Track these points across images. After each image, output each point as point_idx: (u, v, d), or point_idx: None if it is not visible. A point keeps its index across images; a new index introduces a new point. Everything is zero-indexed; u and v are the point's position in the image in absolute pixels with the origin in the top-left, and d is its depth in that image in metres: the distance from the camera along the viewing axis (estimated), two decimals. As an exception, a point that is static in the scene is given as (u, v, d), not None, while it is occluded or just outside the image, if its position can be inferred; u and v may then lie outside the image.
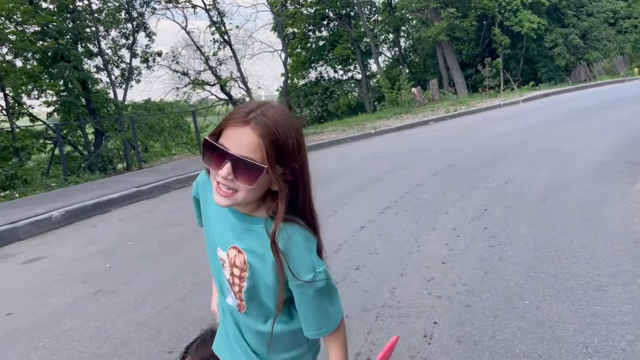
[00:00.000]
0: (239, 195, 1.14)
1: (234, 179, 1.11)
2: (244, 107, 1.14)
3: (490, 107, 16.37)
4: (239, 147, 1.10)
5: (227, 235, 1.26)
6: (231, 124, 1.12)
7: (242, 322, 1.34)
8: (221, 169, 1.11)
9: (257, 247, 1.22)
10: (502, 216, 5.13)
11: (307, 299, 1.24)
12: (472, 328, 3.00)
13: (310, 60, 33.25)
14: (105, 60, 21.62)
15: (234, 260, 1.24)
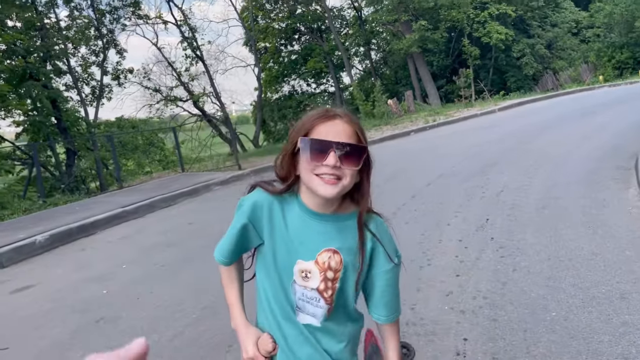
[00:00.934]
0: (344, 182, 1.23)
1: (340, 166, 1.20)
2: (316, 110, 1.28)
3: (468, 116, 16.57)
4: (337, 136, 1.21)
5: (314, 243, 1.29)
6: (319, 122, 1.23)
7: (322, 333, 1.35)
8: (327, 159, 1.19)
9: (352, 243, 1.30)
10: (505, 225, 5.11)
11: (392, 282, 1.37)
12: (505, 344, 2.92)
13: (283, 74, 33.24)
14: (75, 78, 21.16)
15: (329, 263, 1.29)
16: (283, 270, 1.33)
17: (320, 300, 1.32)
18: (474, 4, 26.23)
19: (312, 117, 1.25)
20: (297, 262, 1.31)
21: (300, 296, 1.33)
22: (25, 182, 13.43)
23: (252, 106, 32.52)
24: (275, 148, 15.26)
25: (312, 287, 1.31)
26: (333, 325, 1.36)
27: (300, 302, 1.33)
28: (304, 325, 1.35)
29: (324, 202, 1.29)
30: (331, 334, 1.36)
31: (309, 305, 1.33)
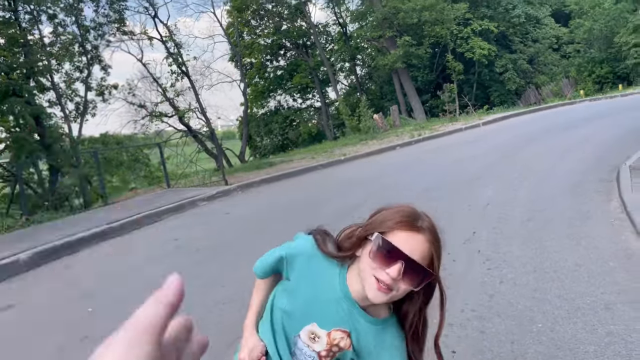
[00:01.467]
0: (394, 294, 1.21)
1: (400, 279, 1.19)
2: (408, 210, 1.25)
3: (453, 130, 16.74)
4: (411, 251, 1.18)
5: (333, 317, 1.31)
6: (403, 228, 1.21)
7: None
8: (391, 269, 1.18)
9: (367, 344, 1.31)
10: (491, 238, 5.15)
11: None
12: (493, 355, 2.94)
13: (269, 89, 33.35)
14: (59, 94, 21.01)
15: (339, 341, 1.31)
16: (296, 319, 1.36)
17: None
18: (457, 20, 26.66)
19: (398, 219, 1.22)
20: (312, 323, 1.34)
21: (300, 347, 1.36)
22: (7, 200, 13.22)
23: (238, 121, 32.53)
24: (261, 163, 15.25)
25: (315, 350, 1.34)
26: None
27: (298, 351, 1.37)
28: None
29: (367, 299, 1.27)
30: None
31: (303, 358, 1.37)
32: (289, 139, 31.77)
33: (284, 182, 11.01)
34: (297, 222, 6.91)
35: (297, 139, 31.03)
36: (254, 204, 9.02)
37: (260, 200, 9.36)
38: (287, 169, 12.23)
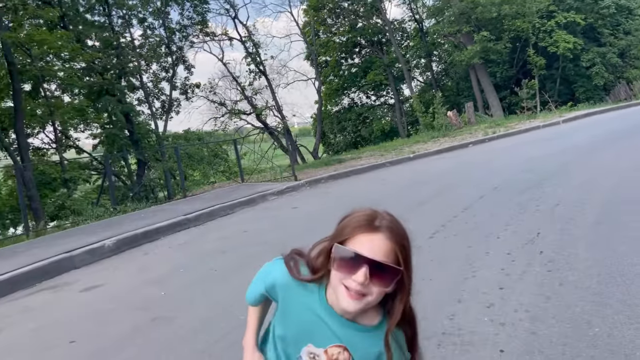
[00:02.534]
0: (368, 299, 1.20)
1: (369, 283, 1.17)
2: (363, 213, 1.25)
3: (530, 128, 16.11)
4: (373, 253, 1.17)
5: (324, 335, 1.31)
6: (360, 232, 1.20)
7: None
8: (356, 274, 1.17)
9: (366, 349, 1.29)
10: (557, 239, 5.00)
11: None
12: (542, 357, 2.91)
13: (343, 87, 33.55)
14: (147, 93, 22.37)
15: (337, 357, 1.30)
16: (292, 343, 1.38)
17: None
18: (540, 13, 25.45)
19: (355, 224, 1.23)
20: (308, 345, 1.34)
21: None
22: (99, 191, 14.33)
23: (313, 119, 33.03)
24: (330, 160, 15.47)
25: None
26: None
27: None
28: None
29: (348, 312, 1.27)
30: None
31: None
32: (361, 136, 31.83)
33: (351, 179, 11.14)
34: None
35: (369, 136, 31.01)
36: (320, 200, 9.24)
37: (326, 195, 9.56)
38: (355, 165, 12.36)
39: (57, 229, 8.94)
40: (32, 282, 5.75)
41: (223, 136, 26.90)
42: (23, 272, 5.79)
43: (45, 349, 3.88)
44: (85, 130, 20.93)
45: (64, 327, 4.31)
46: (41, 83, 17.54)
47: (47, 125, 19.27)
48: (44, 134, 20.45)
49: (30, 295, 5.42)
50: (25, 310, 4.92)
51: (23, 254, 6.74)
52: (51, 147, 20.28)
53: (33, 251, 6.77)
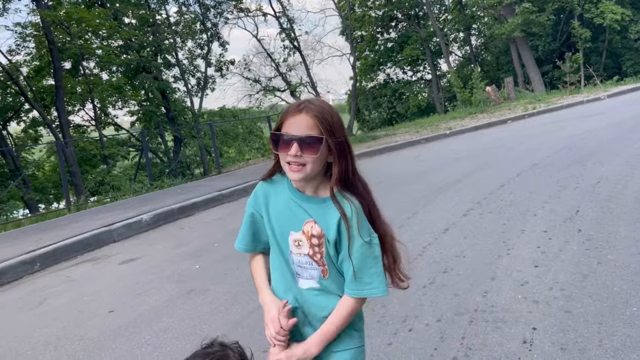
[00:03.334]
0: (307, 168, 1.45)
1: (302, 155, 1.42)
2: (294, 103, 1.48)
3: (572, 104, 15.55)
4: (299, 130, 1.42)
5: (299, 217, 1.52)
6: (288, 116, 1.44)
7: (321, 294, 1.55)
8: (290, 150, 1.42)
9: (328, 219, 1.50)
10: (596, 217, 4.85)
11: (363, 258, 1.49)
12: (576, 335, 2.85)
13: (379, 62, 33.08)
14: (182, 70, 22.57)
15: (311, 231, 1.51)
16: (282, 242, 1.57)
17: (312, 264, 1.54)
18: (586, -17, 24.37)
19: (285, 112, 1.47)
20: (290, 234, 1.54)
21: (297, 263, 1.56)
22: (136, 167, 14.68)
23: (347, 95, 32.78)
24: (364, 136, 15.36)
25: (304, 253, 1.54)
26: (331, 285, 1.55)
27: (298, 268, 1.56)
28: (305, 290, 1.57)
29: (300, 184, 1.52)
30: (329, 292, 1.56)
31: (305, 269, 1.56)
32: (397, 113, 31.43)
33: (385, 156, 11.06)
34: (390, 195, 6.99)
35: (405, 113, 30.59)
36: (354, 176, 9.18)
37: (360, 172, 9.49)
38: (390, 142, 12.23)
39: (97, 203, 9.22)
40: (74, 254, 5.97)
41: (257, 113, 27.01)
42: (66, 245, 6.01)
43: (86, 317, 4.04)
44: (123, 107, 21.37)
45: (103, 297, 4.47)
46: (80, 61, 17.93)
47: (86, 103, 19.75)
48: (84, 111, 21.01)
49: (72, 266, 5.63)
50: (68, 281, 5.12)
51: (65, 227, 6.99)
52: (91, 124, 20.83)
53: (75, 225, 7.01)
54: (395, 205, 6.33)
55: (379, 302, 3.57)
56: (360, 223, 1.48)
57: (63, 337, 3.70)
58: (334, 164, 1.49)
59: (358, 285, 1.50)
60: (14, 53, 18.59)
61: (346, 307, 1.53)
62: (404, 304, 3.50)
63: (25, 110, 19.26)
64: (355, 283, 1.50)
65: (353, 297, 1.52)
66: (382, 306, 3.50)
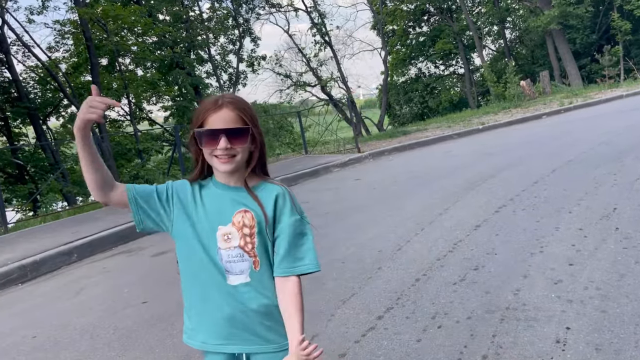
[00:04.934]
0: (237, 158, 1.49)
1: (231, 147, 1.46)
2: (209, 100, 1.50)
3: (611, 98, 15.08)
4: (225, 124, 1.46)
5: (229, 209, 1.53)
6: (209, 113, 1.47)
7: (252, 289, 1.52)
8: (219, 143, 1.45)
9: (265, 200, 1.54)
10: (635, 215, 4.70)
11: (294, 234, 1.53)
12: (612, 335, 2.78)
13: (410, 56, 32.74)
14: (215, 66, 22.86)
15: (243, 221, 1.52)
16: (207, 240, 1.52)
17: (244, 255, 1.52)
18: (627, -27, 23.53)
19: (203, 110, 1.49)
20: (218, 229, 1.52)
21: (226, 258, 1.52)
22: (169, 161, 14.94)
23: (378, 90, 32.58)
24: (395, 131, 15.25)
25: (235, 246, 1.52)
26: (262, 276, 1.53)
27: (228, 264, 1.52)
28: (234, 286, 1.52)
29: (228, 176, 1.54)
30: (261, 287, 1.53)
31: (235, 264, 1.52)
32: (428, 107, 31.08)
33: (416, 151, 10.97)
34: (421, 191, 6.93)
35: (437, 107, 30.22)
36: (383, 171, 9.17)
37: (389, 168, 9.47)
38: (421, 137, 12.12)
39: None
40: (109, 246, 6.13)
41: (288, 108, 27.12)
42: (101, 237, 6.18)
43: (121, 307, 4.15)
44: (157, 102, 21.78)
45: (137, 288, 4.59)
46: (116, 57, 18.34)
47: (122, 98, 20.20)
48: (119, 106, 21.48)
49: (107, 258, 5.79)
50: (104, 272, 5.27)
51: (101, 219, 7.19)
52: (126, 119, 21.30)
53: (110, 217, 7.19)
54: (426, 201, 6.28)
55: (410, 298, 3.56)
56: (293, 201, 1.57)
57: (99, 326, 3.81)
58: (256, 152, 1.55)
59: (292, 262, 1.51)
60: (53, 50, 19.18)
61: (293, 289, 1.50)
62: (434, 301, 3.47)
63: (64, 105, 19.84)
64: (289, 260, 1.51)
65: (288, 276, 1.51)
66: (412, 302, 3.48)
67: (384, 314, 3.37)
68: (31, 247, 5.99)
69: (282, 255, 1.52)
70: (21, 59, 18.31)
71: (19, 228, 7.92)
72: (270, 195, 1.55)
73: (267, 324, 1.54)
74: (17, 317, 4.32)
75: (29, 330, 3.93)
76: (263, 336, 1.54)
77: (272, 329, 1.54)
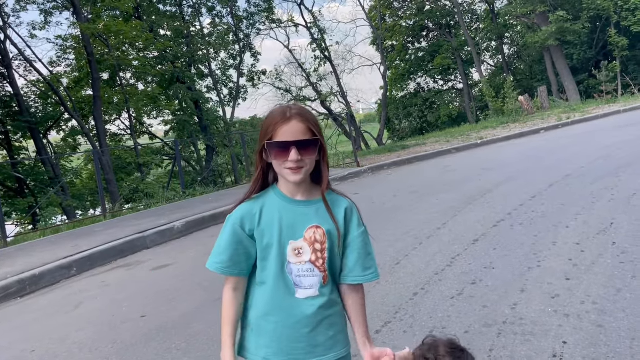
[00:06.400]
0: (306, 169, 1.51)
1: (301, 158, 1.48)
2: (277, 112, 1.53)
3: (608, 113, 15.19)
4: (295, 136, 1.49)
5: (299, 224, 1.57)
6: (279, 126, 1.50)
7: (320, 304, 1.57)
8: (290, 155, 1.48)
9: (327, 219, 1.57)
10: (632, 230, 4.73)
11: (363, 244, 1.61)
12: (608, 350, 2.79)
13: (410, 71, 32.98)
14: (215, 81, 22.99)
15: (314, 236, 1.56)
16: (278, 255, 1.56)
17: (314, 270, 1.57)
18: (623, -10, 23.79)
19: (273, 122, 1.51)
20: (289, 243, 1.56)
21: (296, 273, 1.56)
22: (169, 175, 14.99)
23: (378, 104, 32.74)
24: (394, 146, 15.33)
25: (306, 260, 1.56)
26: (329, 293, 1.60)
27: (297, 278, 1.57)
28: (303, 299, 1.57)
29: (296, 187, 1.57)
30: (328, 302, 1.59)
31: (305, 278, 1.57)
32: (427, 122, 31.23)
33: (414, 166, 11.02)
34: (419, 205, 6.96)
35: (436, 122, 30.36)
36: (382, 186, 9.20)
37: (388, 182, 9.51)
38: (420, 152, 12.17)
39: (132, 210, 9.47)
40: (109, 260, 6.15)
41: (288, 123, 27.22)
42: (101, 250, 6.20)
43: (120, 321, 4.15)
44: (157, 117, 21.90)
45: (136, 302, 4.59)
46: (117, 72, 18.48)
47: (122, 112, 20.33)
48: (120, 120, 21.61)
49: (106, 272, 5.80)
50: (103, 286, 5.28)
51: (101, 233, 7.21)
52: (126, 133, 21.40)
53: (110, 231, 7.21)
54: (424, 216, 6.31)
55: (408, 312, 3.57)
56: (359, 213, 1.64)
57: (97, 340, 3.82)
58: (323, 163, 1.59)
59: (362, 271, 1.60)
60: (55, 65, 19.34)
61: (361, 297, 1.63)
62: (431, 315, 3.49)
63: (65, 119, 19.95)
64: (360, 269, 1.60)
65: (359, 284, 1.62)
66: (410, 317, 3.50)
67: (381, 328, 3.39)
68: (30, 261, 6.00)
69: (352, 264, 1.60)
70: (23, 73, 18.48)
71: (18, 242, 7.95)
72: (340, 209, 1.60)
73: (330, 334, 1.61)
74: (16, 331, 4.32)
75: (28, 344, 3.94)
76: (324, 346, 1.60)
77: (334, 338, 1.62)
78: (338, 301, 1.63)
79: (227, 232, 1.59)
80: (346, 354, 1.66)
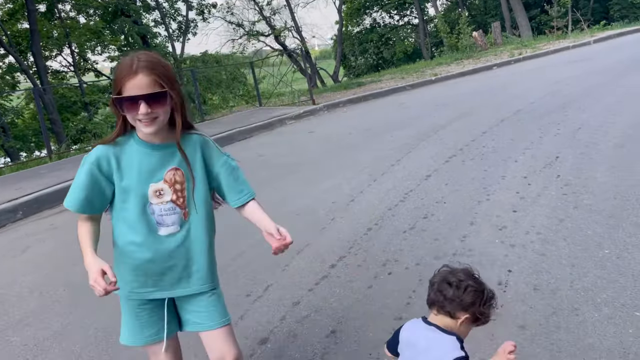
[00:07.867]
0: (159, 119, 1.56)
1: (151, 111, 1.51)
2: (124, 64, 1.53)
3: (559, 49, 15.44)
4: (142, 90, 1.50)
5: (157, 168, 1.65)
6: (126, 80, 1.50)
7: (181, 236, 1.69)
8: (140, 109, 1.50)
9: (192, 151, 1.69)
10: (575, 163, 4.92)
11: (231, 169, 1.75)
12: (549, 277, 2.95)
13: (365, 6, 32.27)
14: (163, 14, 21.85)
15: (174, 178, 1.67)
16: (140, 198, 1.65)
17: (175, 208, 1.68)
18: None
19: (120, 76, 1.52)
20: (150, 186, 1.65)
21: (159, 212, 1.67)
22: (118, 114, 14.45)
23: (333, 40, 32.14)
24: (350, 83, 15.17)
25: (167, 200, 1.67)
26: (190, 227, 1.71)
27: (160, 217, 1.67)
28: (165, 236, 1.68)
29: (150, 136, 1.62)
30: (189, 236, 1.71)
31: (167, 217, 1.67)
32: (383, 58, 30.98)
33: (370, 103, 10.98)
34: (374, 143, 6.99)
35: (391, 58, 30.17)
36: (337, 124, 9.17)
37: (344, 120, 9.48)
38: (375, 89, 12.11)
39: (79, 151, 9.10)
40: (57, 202, 5.93)
41: (241, 59, 26.43)
42: (48, 193, 5.98)
43: (70, 264, 4.06)
44: (102, 52, 20.78)
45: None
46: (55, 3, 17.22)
47: (64, 48, 19.14)
48: (61, 56, 20.37)
49: (55, 214, 5.62)
50: (51, 229, 5.13)
51: (46, 175, 6.93)
52: (70, 70, 20.27)
53: (56, 173, 6.94)
54: (379, 153, 6.35)
55: (362, 247, 3.65)
56: (215, 144, 1.77)
57: (48, 284, 3.74)
58: (176, 111, 1.61)
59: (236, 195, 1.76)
60: (-15, -5, 17.80)
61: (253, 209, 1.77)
62: (384, 249, 3.58)
63: (1, 55, 18.62)
64: (234, 195, 1.76)
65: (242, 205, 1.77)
66: (364, 251, 3.58)
67: (336, 263, 3.45)
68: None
69: (227, 192, 1.76)
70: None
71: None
72: (195, 147, 1.70)
73: (193, 267, 1.72)
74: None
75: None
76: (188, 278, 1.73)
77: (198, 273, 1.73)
78: (202, 237, 1.73)
79: (83, 172, 1.62)
80: (211, 289, 1.77)
